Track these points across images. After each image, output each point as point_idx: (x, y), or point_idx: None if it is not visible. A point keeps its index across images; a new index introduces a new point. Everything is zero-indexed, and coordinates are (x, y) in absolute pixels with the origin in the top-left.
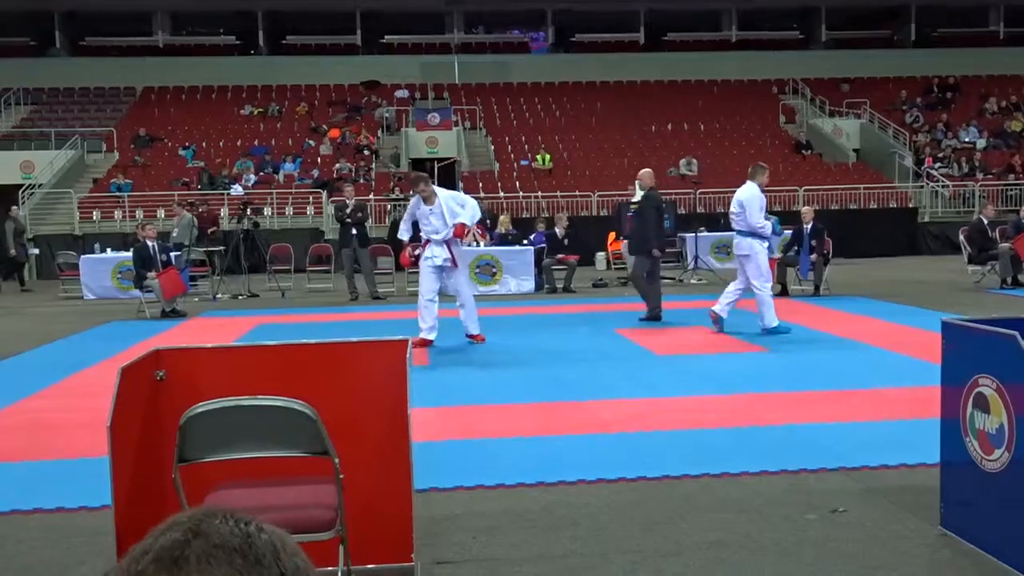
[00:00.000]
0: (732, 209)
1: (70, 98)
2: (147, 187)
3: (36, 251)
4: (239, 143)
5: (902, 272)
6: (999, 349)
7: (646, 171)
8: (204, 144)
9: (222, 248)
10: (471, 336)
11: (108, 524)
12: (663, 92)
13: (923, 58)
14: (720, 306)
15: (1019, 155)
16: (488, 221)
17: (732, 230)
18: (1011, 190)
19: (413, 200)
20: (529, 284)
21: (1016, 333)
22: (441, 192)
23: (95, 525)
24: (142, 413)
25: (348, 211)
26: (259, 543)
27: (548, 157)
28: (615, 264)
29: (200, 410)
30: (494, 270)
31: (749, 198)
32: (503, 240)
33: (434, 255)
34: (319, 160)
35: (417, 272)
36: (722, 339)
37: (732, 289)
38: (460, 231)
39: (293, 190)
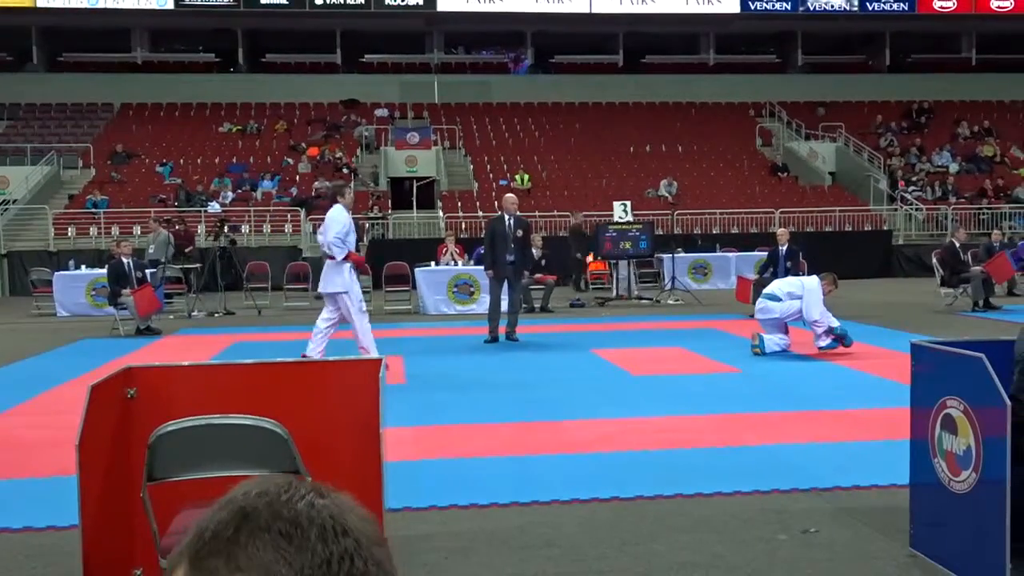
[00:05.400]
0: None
1: (47, 114)
2: (123, 204)
3: None
4: (217, 160)
5: (876, 294)
6: (966, 371)
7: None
8: (182, 161)
9: (198, 265)
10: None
11: (76, 544)
12: (641, 114)
13: (897, 83)
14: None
15: (991, 179)
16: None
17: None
18: (983, 214)
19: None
20: (506, 303)
21: (982, 355)
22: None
23: (62, 545)
24: (112, 431)
25: None
26: (307, 525)
27: (527, 177)
28: (593, 285)
29: (170, 428)
30: (472, 289)
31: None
32: (481, 259)
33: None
34: (297, 178)
35: (393, 291)
36: (697, 360)
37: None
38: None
39: (271, 208)
